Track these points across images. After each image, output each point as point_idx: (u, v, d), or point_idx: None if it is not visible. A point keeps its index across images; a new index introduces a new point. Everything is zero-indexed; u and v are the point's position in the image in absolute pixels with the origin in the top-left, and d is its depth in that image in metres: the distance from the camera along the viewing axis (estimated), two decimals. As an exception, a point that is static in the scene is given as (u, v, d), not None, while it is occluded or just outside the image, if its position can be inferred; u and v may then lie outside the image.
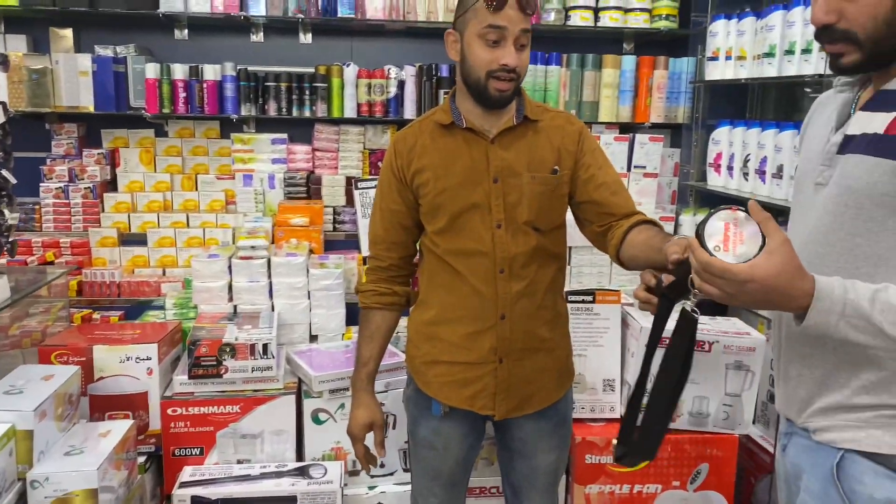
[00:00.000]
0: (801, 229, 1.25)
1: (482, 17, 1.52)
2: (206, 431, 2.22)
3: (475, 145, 1.63)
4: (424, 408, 1.76)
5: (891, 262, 1.11)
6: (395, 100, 3.04)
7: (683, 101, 3.13)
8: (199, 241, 2.92)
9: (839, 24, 1.11)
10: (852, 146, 1.16)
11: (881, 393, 1.14)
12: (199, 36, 3.07)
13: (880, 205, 1.10)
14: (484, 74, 1.54)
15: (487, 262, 1.63)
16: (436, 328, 1.71)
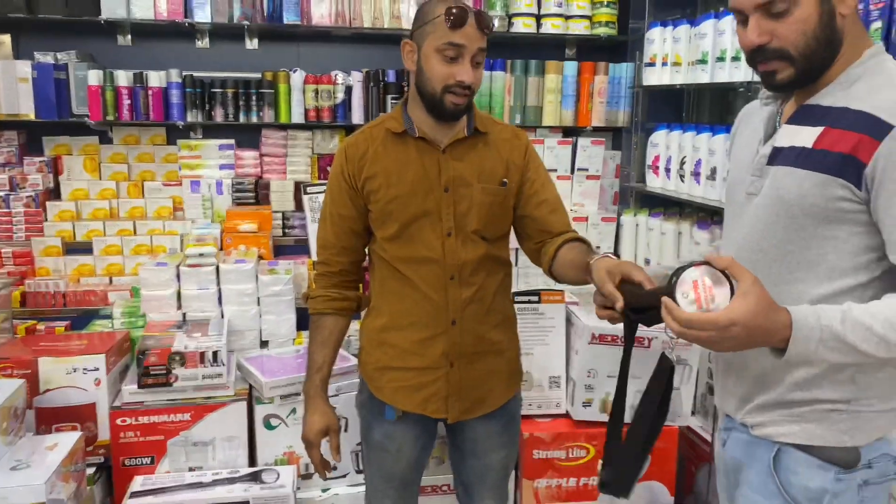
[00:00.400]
0: (735, 236, 1.33)
1: (441, 33, 1.55)
2: (157, 440, 2.22)
3: (427, 154, 1.67)
4: (377, 413, 1.78)
5: (820, 267, 1.19)
6: (343, 105, 3.06)
7: (623, 105, 3.23)
8: (147, 248, 2.90)
9: (772, 44, 1.17)
10: (781, 158, 1.23)
11: (813, 389, 1.23)
12: (144, 42, 3.04)
13: (810, 214, 1.17)
14: (440, 88, 1.58)
15: (438, 269, 1.67)
16: (387, 335, 1.75)
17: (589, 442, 2.36)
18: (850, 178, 1.13)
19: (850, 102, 1.16)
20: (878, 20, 1.85)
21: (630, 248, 3.15)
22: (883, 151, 1.09)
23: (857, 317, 1.09)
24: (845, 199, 1.14)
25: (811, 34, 1.15)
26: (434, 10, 1.57)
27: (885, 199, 1.11)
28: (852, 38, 1.19)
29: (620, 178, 3.35)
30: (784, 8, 1.14)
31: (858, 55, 1.19)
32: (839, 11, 1.15)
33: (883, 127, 1.10)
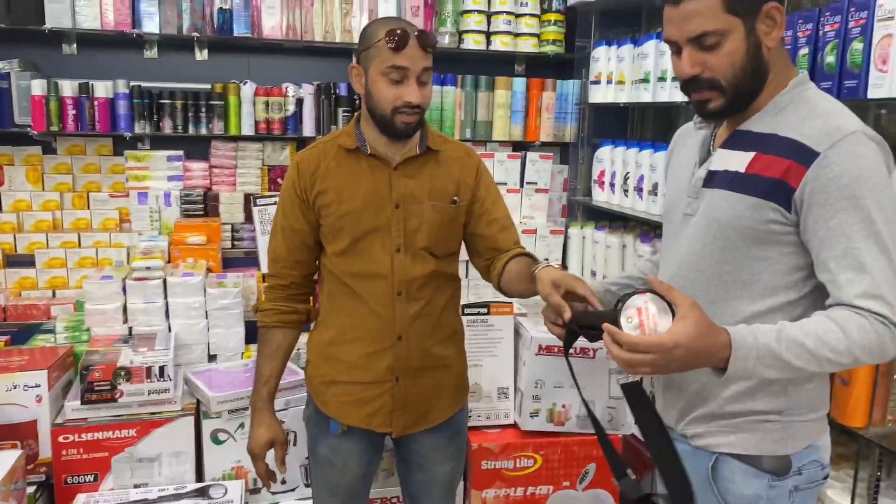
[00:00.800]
0: (673, 255, 1.39)
1: (385, 56, 1.58)
2: (101, 457, 2.18)
3: (379, 171, 1.69)
4: (323, 427, 1.80)
5: (754, 286, 1.26)
6: (294, 117, 3.07)
7: (570, 121, 3.31)
8: (92, 261, 2.85)
9: (704, 75, 1.24)
10: (716, 181, 1.30)
11: (747, 401, 1.30)
12: (89, 51, 3.00)
13: (743, 236, 1.25)
14: (390, 110, 1.61)
15: (386, 284, 1.69)
16: (334, 349, 1.76)
17: (536, 451, 2.40)
18: (781, 201, 1.20)
19: (778, 129, 1.23)
20: (805, 47, 1.96)
21: (577, 261, 3.23)
22: (810, 177, 1.17)
23: (790, 335, 1.14)
24: (776, 221, 1.21)
25: (739, 66, 1.22)
26: (376, 34, 1.59)
27: (812, 221, 1.18)
28: (778, 67, 1.26)
29: (568, 192, 3.43)
30: (714, 41, 1.21)
31: (785, 84, 1.26)
32: (765, 44, 1.22)
33: (810, 154, 1.17)
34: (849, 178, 1.15)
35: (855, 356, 1.15)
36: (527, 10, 3.20)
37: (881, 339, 1.14)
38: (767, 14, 1.21)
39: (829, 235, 1.17)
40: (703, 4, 1.20)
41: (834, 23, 1.85)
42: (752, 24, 1.21)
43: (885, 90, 1.72)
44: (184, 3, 2.89)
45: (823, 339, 1.14)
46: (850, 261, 1.16)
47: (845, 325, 1.14)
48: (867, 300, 1.15)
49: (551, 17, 3.22)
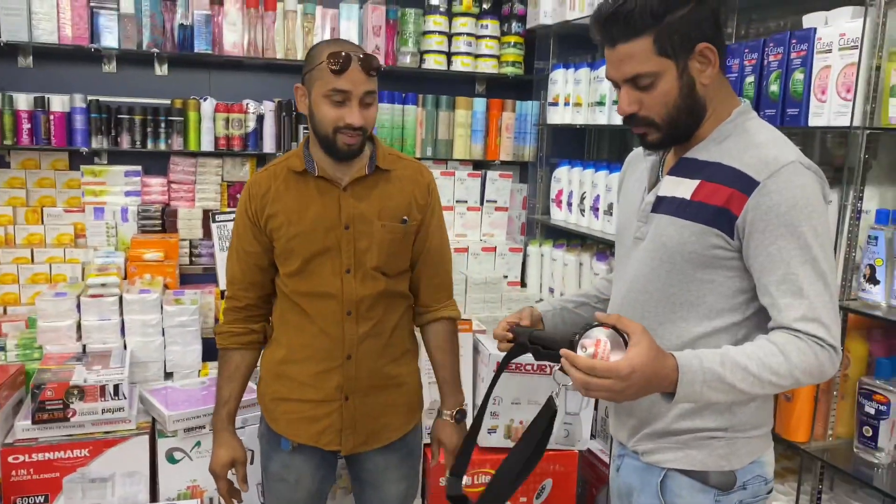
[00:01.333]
0: (624, 276, 1.44)
1: (327, 79, 1.59)
2: (52, 478, 2.14)
3: (327, 193, 1.70)
4: (275, 443, 1.81)
5: (700, 307, 1.31)
6: (255, 134, 3.06)
7: (529, 140, 3.37)
8: (46, 277, 2.80)
9: (640, 113, 1.29)
10: (664, 207, 1.35)
11: (695, 418, 1.34)
12: (46, 64, 2.96)
13: (689, 260, 1.30)
14: (331, 131, 1.62)
15: (335, 304, 1.71)
16: (285, 367, 1.78)
17: (494, 468, 2.42)
18: (724, 228, 1.25)
19: (722, 158, 1.28)
20: (750, 75, 2.04)
21: (535, 278, 3.28)
22: (751, 205, 1.22)
23: (734, 359, 1.18)
24: (720, 247, 1.27)
25: (672, 105, 1.27)
26: (319, 55, 1.61)
27: (753, 247, 1.23)
28: (720, 98, 1.31)
29: (527, 211, 3.49)
30: (648, 82, 1.25)
31: (728, 113, 1.32)
32: (699, 81, 1.27)
33: (751, 183, 1.22)
34: (787, 206, 1.20)
35: (796, 378, 1.19)
36: (487, 32, 3.26)
37: (819, 360, 1.19)
38: (700, 53, 1.25)
39: (769, 261, 1.22)
40: (637, 47, 1.24)
41: (777, 53, 1.94)
42: (685, 65, 1.25)
43: (823, 119, 1.80)
44: (144, 19, 2.87)
45: (765, 363, 1.18)
46: (789, 286, 1.21)
47: (785, 348, 1.19)
48: (806, 323, 1.20)
49: (511, 40, 3.29)
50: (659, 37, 1.23)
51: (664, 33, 1.23)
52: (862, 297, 1.74)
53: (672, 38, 1.23)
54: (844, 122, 1.73)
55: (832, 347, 1.21)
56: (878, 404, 1.73)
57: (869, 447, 1.77)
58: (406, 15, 3.17)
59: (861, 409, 1.78)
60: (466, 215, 3.27)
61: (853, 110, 1.71)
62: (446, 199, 3.23)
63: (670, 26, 1.23)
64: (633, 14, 1.22)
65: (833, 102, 1.77)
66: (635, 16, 1.22)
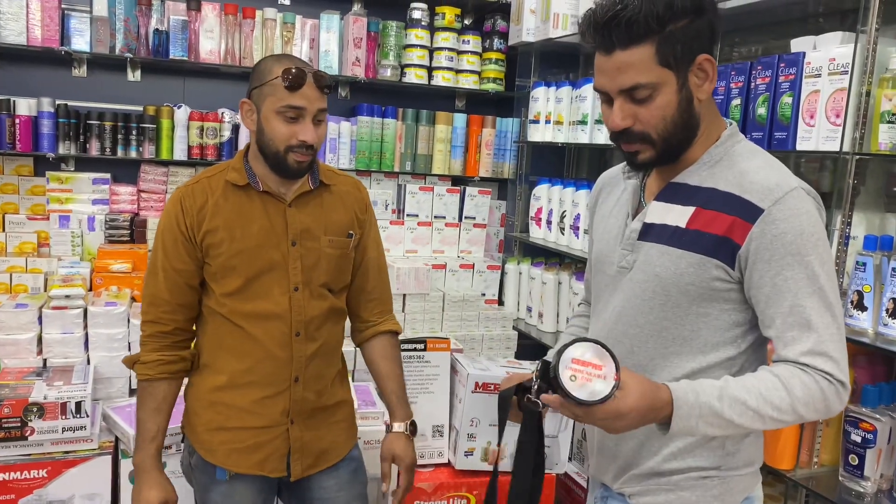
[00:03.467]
0: (609, 309, 1.35)
1: (280, 95, 1.53)
2: (7, 500, 2.03)
3: (272, 208, 1.63)
4: (213, 474, 1.68)
5: (694, 342, 1.24)
6: (230, 143, 2.99)
7: (509, 157, 3.35)
8: (6, 287, 2.68)
9: (635, 128, 1.20)
10: (654, 235, 1.26)
11: (687, 458, 1.28)
12: (12, 66, 2.86)
13: (685, 292, 1.22)
14: (283, 148, 1.56)
15: (283, 325, 1.63)
16: (222, 394, 1.66)
17: (470, 491, 2.37)
18: (725, 258, 1.18)
19: (717, 183, 1.21)
20: (737, 98, 2.03)
21: (513, 296, 3.24)
22: (755, 234, 1.15)
23: (733, 393, 1.13)
24: (720, 278, 1.20)
25: (670, 119, 1.19)
26: (271, 71, 1.55)
27: (757, 277, 1.17)
28: (709, 119, 1.24)
29: (506, 228, 3.46)
30: (647, 94, 1.17)
31: (717, 136, 1.25)
32: (696, 97, 1.20)
33: (755, 211, 1.16)
34: (793, 234, 1.14)
35: (798, 413, 1.15)
36: (469, 48, 3.24)
37: (825, 395, 1.15)
38: (700, 66, 1.18)
39: (774, 292, 1.16)
40: (637, 56, 1.16)
41: (765, 76, 1.94)
42: (685, 77, 1.18)
43: (812, 143, 1.80)
44: (117, 23, 2.79)
45: (766, 397, 1.13)
46: (796, 318, 1.15)
47: (789, 382, 1.14)
48: (813, 357, 1.14)
49: (492, 56, 3.27)
50: (661, 45, 1.15)
51: (667, 42, 1.15)
52: (849, 324, 1.73)
53: (675, 48, 1.15)
54: (833, 147, 1.73)
55: (840, 382, 1.15)
56: (864, 432, 1.71)
57: (855, 476, 1.75)
58: (388, 28, 3.14)
59: (847, 437, 1.77)
60: (444, 231, 3.22)
61: (843, 135, 1.71)
62: (424, 215, 3.19)
63: (673, 35, 1.15)
64: (637, 19, 1.13)
65: (822, 127, 1.77)
66: (639, 21, 1.13)
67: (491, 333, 3.04)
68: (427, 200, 3.19)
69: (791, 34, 1.98)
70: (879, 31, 1.67)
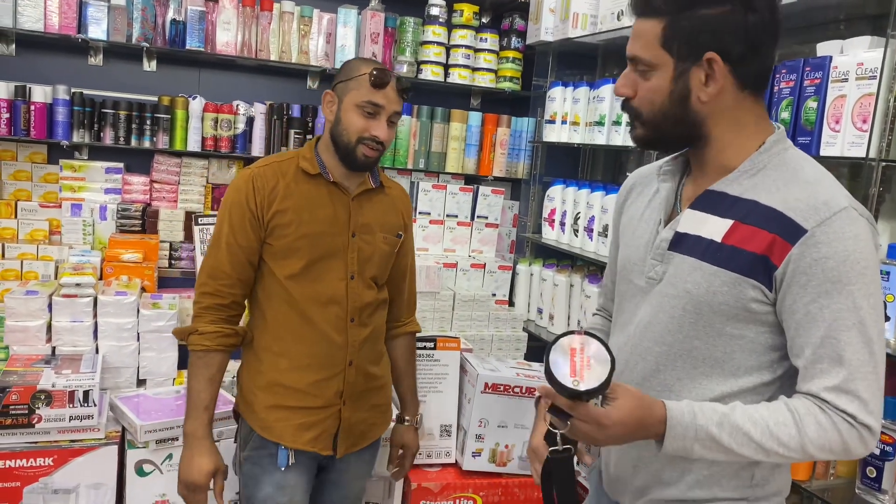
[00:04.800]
0: (633, 321, 1.27)
1: (364, 91, 1.66)
2: (12, 487, 2.03)
3: (338, 199, 1.74)
4: (267, 464, 1.74)
5: (726, 365, 1.16)
6: (244, 136, 2.98)
7: (523, 157, 3.32)
8: (16, 273, 2.67)
9: (633, 101, 1.18)
10: (686, 247, 1.18)
11: (713, 487, 1.20)
12: (29, 53, 2.85)
13: (718, 312, 1.14)
14: (355, 139, 1.67)
15: (340, 310, 1.73)
16: (282, 376, 1.74)
17: (476, 493, 2.35)
18: (762, 279, 1.11)
19: (758, 195, 1.13)
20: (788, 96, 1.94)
21: (524, 297, 3.22)
22: (794, 255, 1.07)
23: (737, 422, 1.08)
24: (756, 300, 1.12)
25: (658, 106, 1.15)
26: (359, 68, 1.69)
27: (790, 302, 1.09)
28: (741, 124, 1.16)
29: (518, 228, 3.43)
30: (644, 70, 1.15)
31: (761, 141, 1.16)
32: (697, 96, 1.13)
33: (797, 230, 1.07)
34: (836, 260, 1.05)
35: (808, 453, 1.08)
36: (486, 46, 3.21)
37: (843, 438, 1.07)
38: (707, 64, 1.11)
39: (807, 320, 1.08)
40: (647, 28, 1.14)
41: (789, 80, 1.90)
42: (685, 70, 1.12)
43: (836, 149, 1.76)
44: (135, 12, 2.78)
45: (773, 432, 1.07)
46: (828, 350, 1.07)
47: (803, 420, 1.08)
48: (838, 395, 1.06)
49: (510, 55, 3.24)
50: (669, 26, 1.11)
51: (676, 25, 1.10)
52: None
53: (681, 34, 1.10)
54: (859, 154, 1.70)
55: (865, 426, 1.06)
56: (883, 444, 1.68)
57: (872, 489, 1.72)
58: (405, 23, 3.11)
59: (865, 449, 1.73)
60: (456, 230, 3.20)
61: (869, 142, 1.67)
62: (437, 213, 3.17)
63: (686, 20, 1.10)
64: None
65: (847, 133, 1.74)
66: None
67: (501, 334, 3.02)
68: (440, 199, 3.17)
69: (815, 39, 1.95)
70: (910, 36, 1.64)
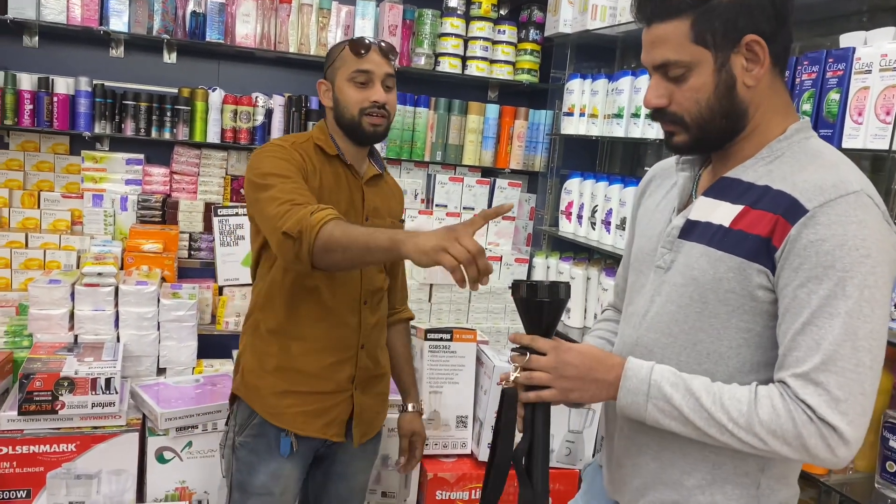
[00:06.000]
0: (640, 312, 1.23)
1: (350, 63, 1.68)
2: (35, 472, 2.07)
3: (352, 182, 1.75)
4: (265, 451, 1.71)
5: (731, 361, 1.10)
6: (262, 128, 3.00)
7: (541, 150, 3.32)
8: (39, 263, 2.72)
9: (670, 108, 1.12)
10: (696, 234, 1.14)
11: (716, 493, 1.15)
12: (51, 45, 2.89)
13: (724, 301, 1.09)
14: (357, 112, 1.68)
15: (354, 290, 1.74)
16: (294, 360, 1.71)
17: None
18: (766, 262, 1.05)
19: (772, 181, 1.09)
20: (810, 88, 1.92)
21: (540, 290, 3.21)
22: (792, 236, 1.02)
23: (692, 386, 1.06)
24: (762, 286, 1.07)
25: (705, 103, 1.10)
26: (340, 46, 1.73)
27: (781, 286, 1.05)
28: (773, 109, 1.12)
29: (535, 221, 3.43)
30: (680, 73, 1.09)
31: (783, 129, 1.12)
32: (742, 81, 1.09)
33: (799, 210, 1.02)
34: (832, 243, 0.99)
35: (760, 438, 1.03)
36: (504, 38, 3.21)
37: (799, 431, 1.00)
38: (747, 47, 1.07)
39: (793, 305, 1.03)
40: (671, 30, 1.08)
41: (811, 72, 1.89)
42: (726, 59, 1.07)
43: (859, 141, 1.75)
44: (155, 4, 2.81)
45: (724, 405, 1.04)
46: (807, 337, 1.01)
47: (759, 399, 1.03)
48: (803, 384, 1.00)
49: (527, 47, 3.24)
50: (699, 21, 1.06)
51: (706, 17, 1.06)
52: (891, 327, 1.68)
53: (713, 25, 1.05)
54: (882, 146, 1.68)
55: (829, 426, 0.99)
56: (903, 439, 1.67)
57: (892, 483, 1.71)
58: (423, 16, 3.12)
59: (885, 444, 1.72)
60: (473, 223, 3.20)
61: (893, 134, 1.66)
62: (453, 206, 3.18)
63: (715, 10, 1.05)
64: None
65: (870, 125, 1.72)
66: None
67: (517, 326, 3.03)
68: (456, 191, 3.18)
69: (837, 31, 1.93)
70: (936, 27, 1.62)
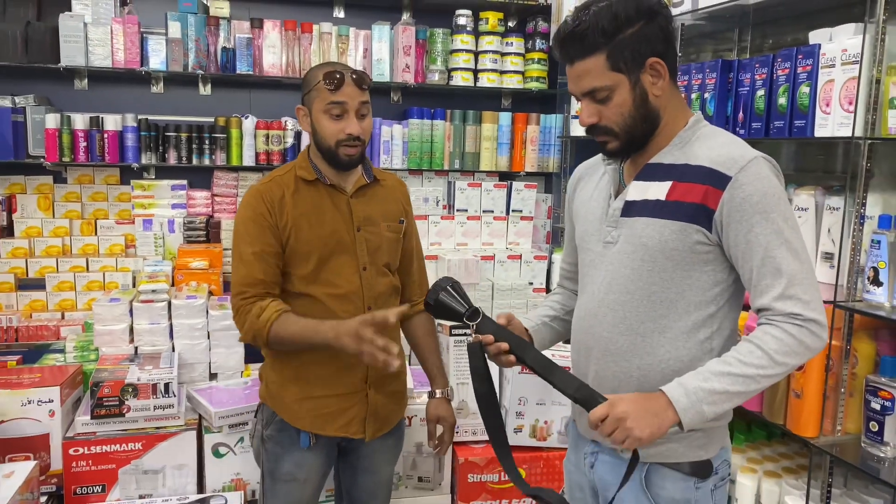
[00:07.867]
0: (596, 281, 1.49)
1: (324, 95, 1.76)
2: (108, 469, 2.31)
3: (337, 199, 1.86)
4: (289, 443, 1.87)
5: (680, 304, 1.39)
6: (292, 149, 3.23)
7: (553, 152, 3.50)
8: (100, 284, 3.00)
9: (600, 123, 1.39)
10: (637, 210, 1.42)
11: None
12: (99, 86, 3.17)
13: (670, 258, 1.38)
14: (334, 143, 1.78)
15: (358, 300, 1.85)
16: (308, 367, 1.85)
17: (520, 465, 2.53)
18: (703, 223, 1.35)
19: (689, 159, 1.38)
20: (761, 88, 2.14)
21: (561, 285, 3.38)
22: (726, 198, 1.32)
23: (716, 369, 1.30)
24: (700, 242, 1.36)
25: (628, 114, 1.37)
26: (315, 77, 1.79)
27: (733, 237, 1.33)
28: (675, 109, 1.42)
29: (552, 219, 3.60)
30: (604, 95, 1.36)
31: (685, 122, 1.42)
32: (652, 93, 1.37)
33: (723, 179, 1.32)
34: (758, 196, 1.30)
35: (781, 362, 1.29)
36: (512, 49, 3.39)
37: (798, 338, 1.29)
38: (651, 67, 1.35)
39: (748, 248, 1.32)
40: (591, 64, 1.34)
41: (785, 68, 2.04)
42: (637, 78, 1.35)
43: (828, 130, 1.90)
44: (189, 43, 3.06)
45: (744, 361, 1.29)
46: (768, 267, 1.30)
47: (762, 340, 1.30)
48: (783, 301, 1.29)
49: (535, 56, 3.42)
50: (611, 54, 1.33)
51: (617, 50, 1.33)
52: (866, 299, 1.83)
53: (624, 55, 1.33)
54: (847, 133, 1.83)
55: (811, 321, 1.29)
56: (883, 400, 1.81)
57: (875, 442, 1.84)
58: (434, 35, 3.32)
59: (868, 406, 1.86)
60: (493, 225, 3.39)
61: (854, 121, 1.81)
62: (473, 210, 3.36)
63: (621, 43, 1.33)
64: (587, 34, 1.33)
65: (836, 114, 1.87)
66: (588, 35, 1.33)
67: (539, 320, 3.19)
68: (475, 196, 3.37)
69: (815, 26, 2.07)
70: (887, 22, 1.76)
